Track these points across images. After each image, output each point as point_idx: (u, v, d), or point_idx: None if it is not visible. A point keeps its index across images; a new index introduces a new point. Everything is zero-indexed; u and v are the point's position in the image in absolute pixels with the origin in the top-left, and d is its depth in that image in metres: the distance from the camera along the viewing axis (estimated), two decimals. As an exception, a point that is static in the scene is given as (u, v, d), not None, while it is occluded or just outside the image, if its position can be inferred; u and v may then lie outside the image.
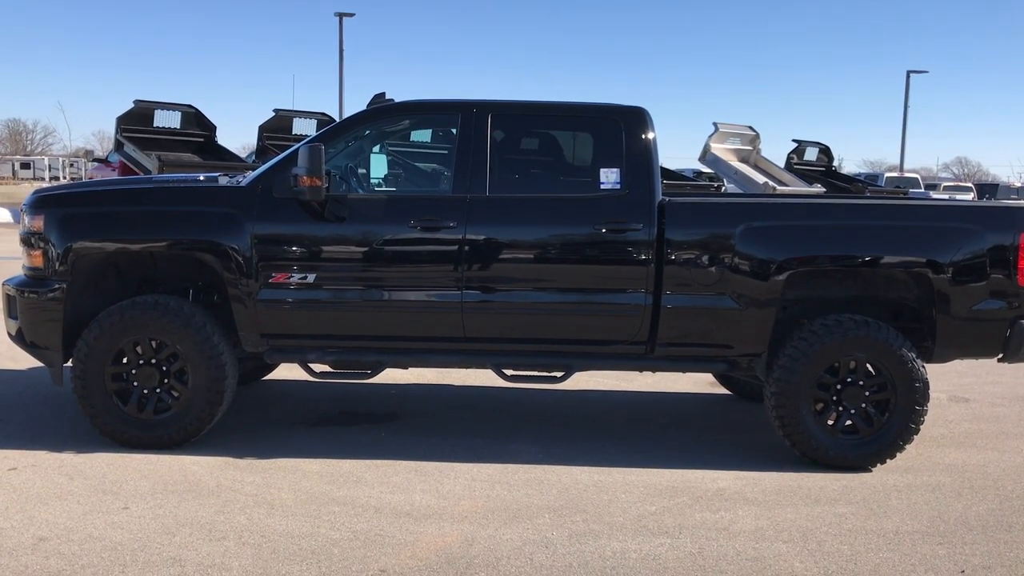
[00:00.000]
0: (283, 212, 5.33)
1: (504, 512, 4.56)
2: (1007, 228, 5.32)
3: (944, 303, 5.30)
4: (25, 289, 5.43)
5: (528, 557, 4.04)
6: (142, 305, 5.32)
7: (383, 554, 4.03)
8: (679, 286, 5.31)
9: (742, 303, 5.29)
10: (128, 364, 5.37)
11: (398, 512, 4.52)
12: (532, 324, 5.42)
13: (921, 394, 5.26)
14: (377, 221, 5.38)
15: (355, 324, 5.45)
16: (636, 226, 5.29)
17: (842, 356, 5.29)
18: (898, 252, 5.35)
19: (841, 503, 4.81)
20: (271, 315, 5.36)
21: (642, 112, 5.55)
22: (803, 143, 21.05)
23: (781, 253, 5.27)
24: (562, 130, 5.89)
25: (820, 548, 4.22)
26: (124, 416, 5.34)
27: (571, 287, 5.38)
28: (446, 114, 5.86)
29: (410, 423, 6.16)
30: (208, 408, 5.33)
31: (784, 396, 5.28)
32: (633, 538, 4.27)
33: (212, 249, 5.32)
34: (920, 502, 4.86)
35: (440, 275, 5.35)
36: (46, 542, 4.05)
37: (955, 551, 4.23)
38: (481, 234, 5.31)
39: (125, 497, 4.61)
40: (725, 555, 4.12)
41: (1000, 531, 4.49)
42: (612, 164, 5.41)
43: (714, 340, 5.41)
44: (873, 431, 5.32)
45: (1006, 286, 5.30)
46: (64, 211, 5.42)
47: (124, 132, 15.02)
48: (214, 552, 3.99)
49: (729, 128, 19.32)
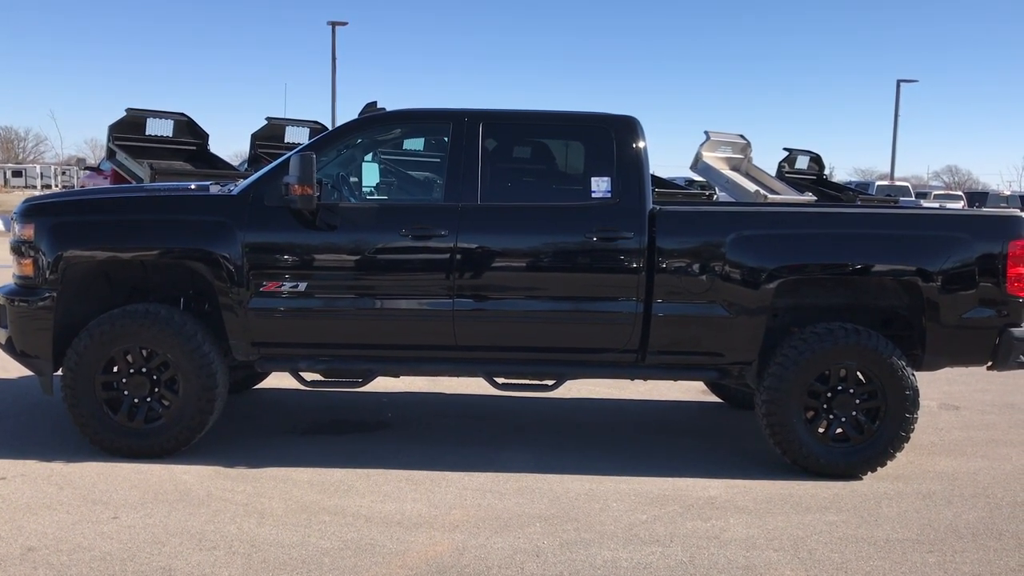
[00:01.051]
0: (274, 221, 5.33)
1: (495, 521, 4.56)
2: (996, 237, 5.35)
3: (934, 311, 5.32)
4: (15, 298, 5.41)
5: (519, 566, 4.03)
6: (133, 314, 5.30)
7: (374, 563, 4.02)
8: (670, 294, 5.32)
9: (733, 311, 5.30)
10: (118, 373, 5.35)
11: (389, 521, 4.52)
12: (523, 332, 5.43)
13: (911, 402, 5.28)
14: (368, 229, 5.39)
15: (346, 332, 5.45)
16: (627, 234, 5.30)
17: (832, 364, 5.31)
18: (888, 261, 5.37)
19: (832, 511, 4.82)
20: (262, 323, 5.35)
21: (633, 121, 5.57)
22: (794, 151, 21.13)
23: (771, 261, 5.29)
24: (553, 139, 5.90)
25: (811, 556, 4.23)
26: (114, 425, 5.32)
27: (562, 295, 5.39)
28: (438, 123, 5.87)
29: (401, 431, 6.15)
30: (199, 417, 5.32)
31: (775, 404, 5.29)
32: (624, 547, 4.27)
33: (203, 258, 5.32)
34: (910, 510, 4.88)
35: (431, 283, 5.36)
36: (35, 552, 4.02)
37: (945, 559, 4.24)
38: (472, 242, 5.32)
39: (115, 507, 4.59)
40: (716, 563, 4.12)
41: (990, 539, 4.51)
42: (603, 173, 5.43)
43: (705, 348, 5.43)
44: (864, 439, 5.33)
45: (995, 294, 5.33)
46: (54, 220, 5.41)
47: (116, 140, 15.01)
48: (204, 562, 3.98)
49: (720, 137, 19.40)
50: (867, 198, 23.57)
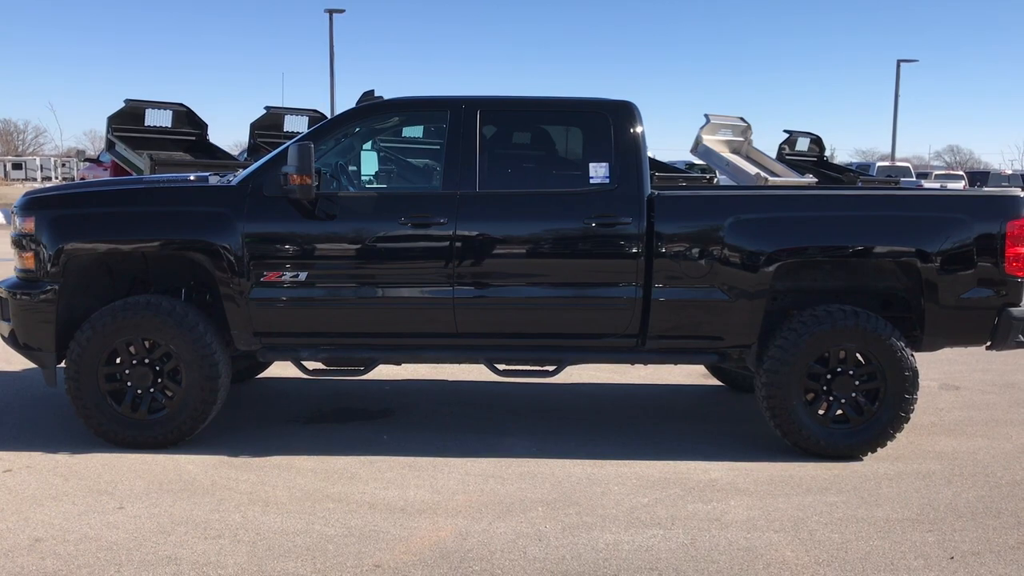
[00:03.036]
0: (274, 211, 5.35)
1: (498, 506, 4.59)
2: (994, 217, 5.35)
3: (933, 292, 5.34)
4: (17, 291, 5.43)
5: (522, 550, 4.07)
6: (135, 305, 5.33)
7: (378, 549, 4.06)
8: (669, 279, 5.34)
9: (732, 295, 5.32)
10: (121, 364, 5.38)
11: (392, 508, 4.55)
12: (523, 319, 5.45)
13: (911, 382, 5.30)
14: (368, 218, 5.40)
15: (347, 321, 5.47)
16: (625, 220, 5.31)
17: (832, 346, 5.33)
18: (887, 242, 5.39)
19: (832, 492, 4.85)
20: (263, 313, 5.37)
21: (630, 106, 5.57)
22: (794, 133, 21.07)
23: (770, 245, 5.30)
24: (551, 125, 5.90)
25: (811, 537, 4.26)
26: (118, 416, 5.35)
27: (562, 281, 5.41)
28: (435, 111, 5.87)
29: (404, 419, 6.18)
30: (202, 407, 5.35)
31: (775, 387, 5.31)
32: (626, 530, 4.31)
33: (204, 249, 5.33)
34: (910, 490, 4.90)
35: (431, 271, 5.37)
36: (42, 543, 4.07)
37: (944, 538, 4.27)
38: (472, 230, 5.33)
39: (120, 497, 4.63)
40: (717, 545, 4.15)
41: (989, 517, 4.54)
42: (601, 158, 5.43)
43: (705, 332, 5.44)
44: (863, 420, 5.36)
45: (993, 274, 5.34)
46: (55, 212, 5.43)
47: (115, 131, 14.99)
48: (209, 550, 4.02)
49: (721, 119, 19.33)
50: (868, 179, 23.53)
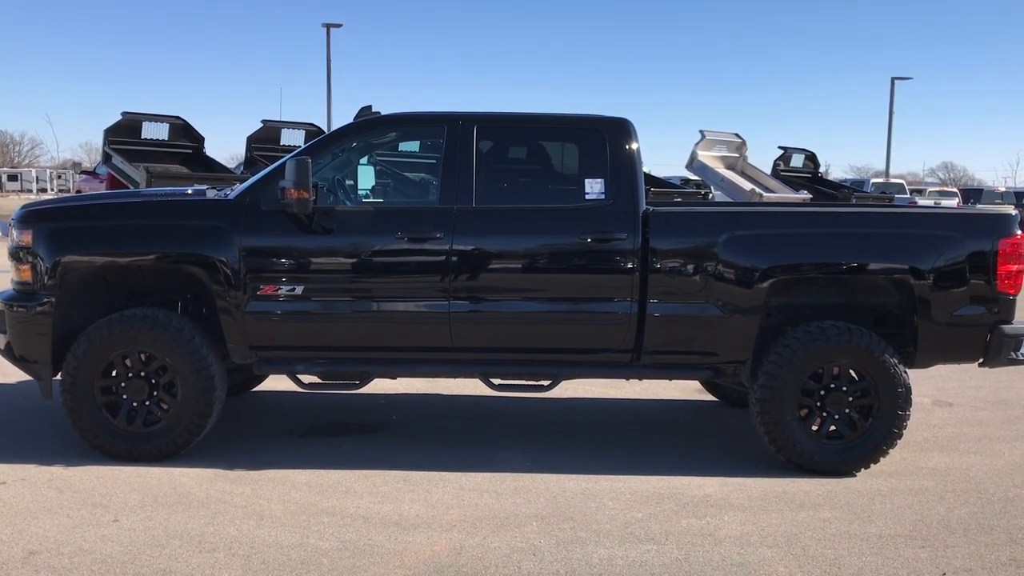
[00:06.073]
0: (271, 225, 5.37)
1: (492, 520, 4.60)
2: (986, 235, 5.40)
3: (926, 309, 5.37)
4: (14, 303, 5.44)
5: (516, 565, 4.08)
6: (131, 318, 5.34)
7: (372, 563, 4.06)
8: (664, 294, 5.36)
9: (726, 311, 5.35)
10: (117, 377, 5.39)
11: (387, 522, 4.56)
12: (519, 333, 5.47)
13: (904, 399, 5.33)
14: (364, 233, 5.43)
15: (343, 335, 5.49)
16: (620, 235, 5.35)
17: (826, 362, 5.35)
18: (880, 259, 5.42)
19: (825, 508, 4.86)
20: (259, 327, 5.39)
21: (625, 123, 5.61)
22: (789, 150, 21.21)
23: (764, 261, 5.33)
24: (547, 141, 5.95)
25: (804, 553, 4.27)
26: (114, 429, 5.35)
27: (557, 296, 5.43)
28: (432, 126, 5.90)
29: (399, 433, 6.19)
30: (197, 420, 5.35)
31: (769, 402, 5.33)
32: (620, 545, 4.32)
33: (200, 262, 5.35)
34: (903, 506, 4.92)
35: (427, 286, 5.40)
36: (36, 556, 4.06)
37: (937, 554, 4.29)
38: (468, 245, 5.36)
39: (115, 510, 4.62)
40: (711, 561, 4.17)
41: (981, 534, 4.55)
42: (596, 174, 5.47)
43: (699, 348, 5.47)
44: (857, 436, 5.38)
45: (986, 292, 5.38)
46: (52, 225, 5.45)
47: (112, 144, 15.05)
48: (204, 563, 4.02)
49: (716, 135, 19.45)
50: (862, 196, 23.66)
